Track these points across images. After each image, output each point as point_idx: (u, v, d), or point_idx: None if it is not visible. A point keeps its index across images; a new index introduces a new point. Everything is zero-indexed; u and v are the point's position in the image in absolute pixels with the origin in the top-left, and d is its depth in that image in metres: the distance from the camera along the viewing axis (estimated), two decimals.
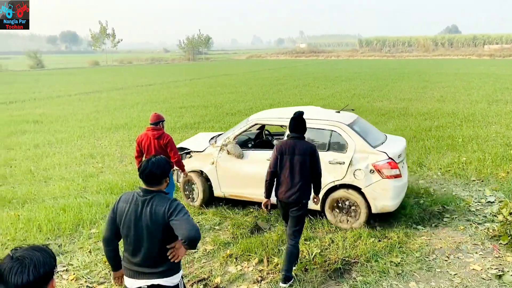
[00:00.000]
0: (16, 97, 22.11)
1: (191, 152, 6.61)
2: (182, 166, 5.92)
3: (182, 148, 6.72)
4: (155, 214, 2.72)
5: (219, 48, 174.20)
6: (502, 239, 5.17)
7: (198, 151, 6.57)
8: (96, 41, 73.60)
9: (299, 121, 4.41)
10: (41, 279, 1.63)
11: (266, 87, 24.88)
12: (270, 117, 6.49)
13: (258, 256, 4.92)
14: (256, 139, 7.14)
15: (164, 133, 5.72)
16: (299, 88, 23.82)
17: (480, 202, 6.54)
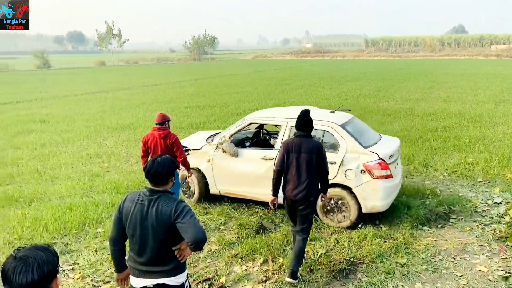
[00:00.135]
0: (23, 97, 22.26)
1: (189, 150, 6.72)
2: (188, 166, 5.95)
3: None
4: (161, 214, 2.73)
5: (224, 48, 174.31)
6: (509, 240, 5.15)
7: (195, 149, 6.69)
8: (102, 41, 73.93)
9: (306, 119, 4.45)
10: (45, 278, 1.63)
11: (272, 87, 24.87)
12: (265, 117, 6.68)
13: (263, 256, 4.93)
14: (253, 138, 7.26)
15: (170, 132, 5.75)
16: (305, 88, 23.79)
17: (486, 203, 6.51)
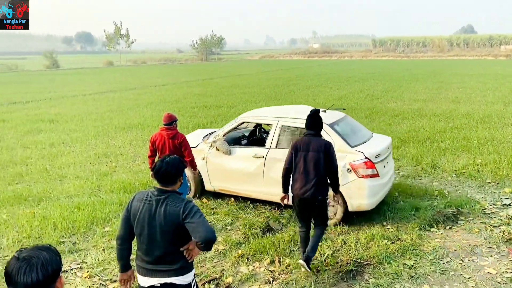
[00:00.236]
0: (32, 97, 22.48)
1: None
2: (195, 166, 6.00)
3: None
4: (169, 214, 2.75)
5: (232, 48, 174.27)
6: None
7: (191, 147, 6.71)
8: (110, 41, 74.41)
9: (315, 119, 4.48)
10: (50, 277, 1.65)
11: (279, 88, 24.85)
12: (256, 116, 6.82)
13: (270, 256, 4.93)
14: (250, 137, 7.37)
15: (178, 132, 5.80)
16: (312, 89, 23.73)
17: (495, 205, 6.44)
